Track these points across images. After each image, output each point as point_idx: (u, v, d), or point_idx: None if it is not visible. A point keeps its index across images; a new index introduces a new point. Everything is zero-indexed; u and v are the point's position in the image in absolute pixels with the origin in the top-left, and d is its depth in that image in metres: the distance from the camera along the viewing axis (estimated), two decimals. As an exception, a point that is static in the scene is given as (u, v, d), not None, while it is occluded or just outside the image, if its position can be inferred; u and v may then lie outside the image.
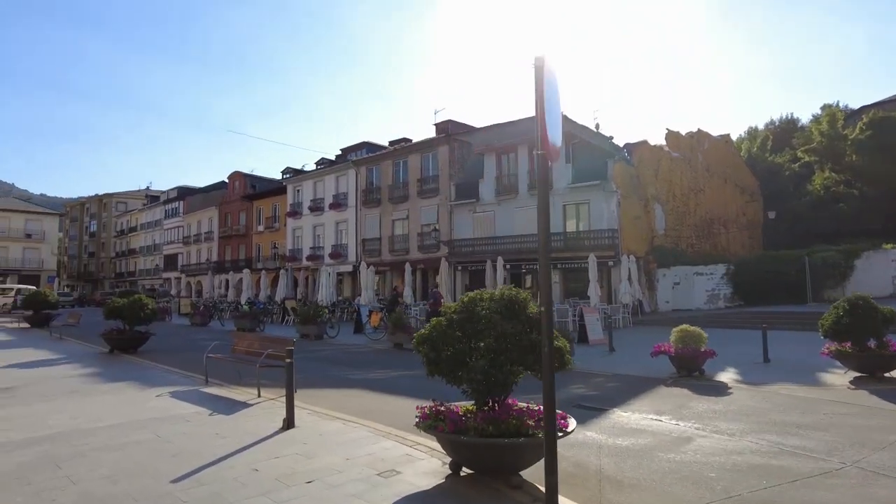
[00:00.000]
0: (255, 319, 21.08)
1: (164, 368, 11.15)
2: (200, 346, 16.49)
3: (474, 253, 29.58)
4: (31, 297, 22.40)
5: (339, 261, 36.59)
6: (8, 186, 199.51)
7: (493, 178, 29.70)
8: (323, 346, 16.38)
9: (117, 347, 13.78)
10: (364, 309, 19.97)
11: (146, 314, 13.75)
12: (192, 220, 58.07)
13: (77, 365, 11.67)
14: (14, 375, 10.33)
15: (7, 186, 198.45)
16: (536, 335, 4.83)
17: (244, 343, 9.74)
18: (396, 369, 11.72)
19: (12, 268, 57.52)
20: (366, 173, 36.29)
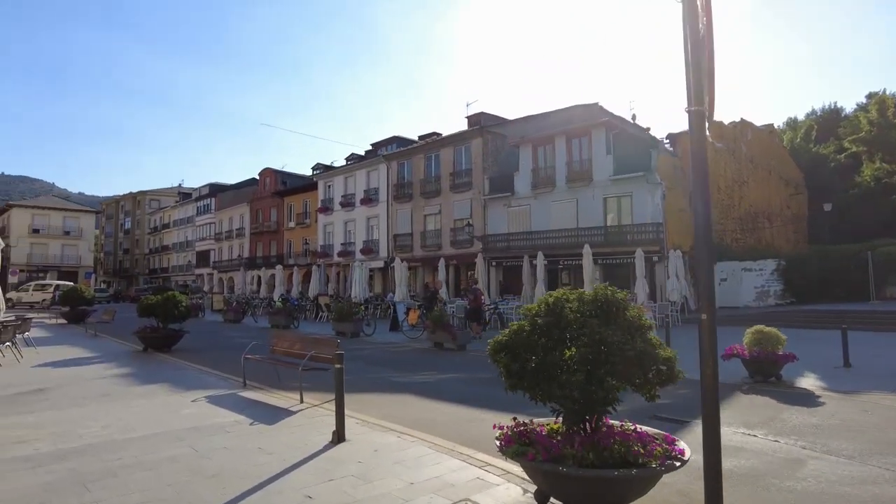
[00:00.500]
0: (290, 316, 20.63)
1: (200, 369, 10.64)
2: (235, 344, 16.13)
3: (509, 248, 28.72)
4: (67, 294, 22.41)
5: (370, 256, 36.12)
6: (49, 186, 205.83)
7: (528, 171, 28.75)
8: (360, 344, 15.77)
9: (151, 346, 13.38)
10: (400, 306, 19.33)
11: (179, 312, 13.31)
12: (224, 216, 58.44)
13: (110, 364, 11.25)
14: (48, 375, 9.92)
15: (48, 186, 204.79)
16: (642, 343, 4.03)
17: (284, 343, 9.13)
18: (442, 371, 11.00)
19: (52, 264, 58.75)
20: (397, 168, 35.68)
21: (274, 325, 21.05)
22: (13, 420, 6.62)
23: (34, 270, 56.41)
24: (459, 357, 13.01)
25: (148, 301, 13.27)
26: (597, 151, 26.56)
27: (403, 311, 19.35)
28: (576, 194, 27.07)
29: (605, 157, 26.26)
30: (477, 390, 8.92)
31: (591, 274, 18.55)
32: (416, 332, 16.64)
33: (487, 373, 10.67)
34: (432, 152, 33.48)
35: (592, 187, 26.58)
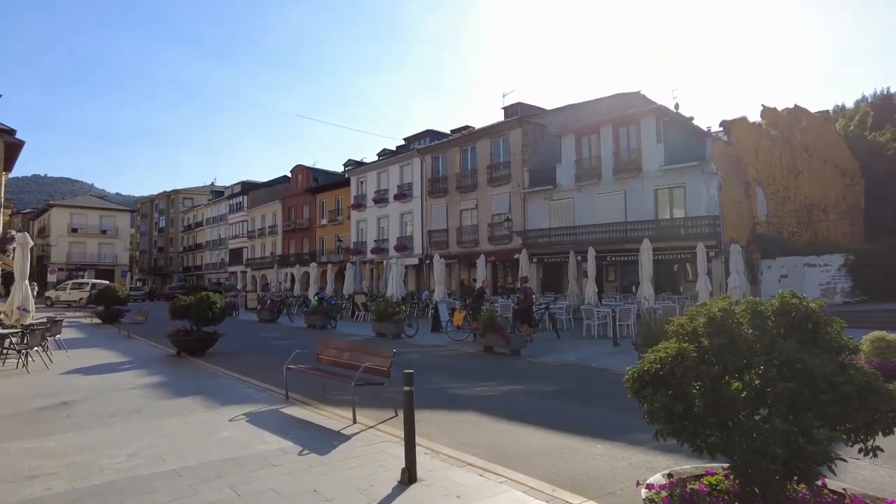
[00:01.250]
0: (327, 316, 19.76)
1: (237, 378, 9.72)
2: (272, 346, 15.31)
3: (551, 244, 27.40)
4: (101, 293, 21.99)
5: (404, 253, 35.18)
6: (87, 186, 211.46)
7: (571, 162, 27.36)
8: (403, 346, 14.72)
9: (184, 350, 12.58)
10: (442, 305, 18.26)
11: (214, 314, 12.47)
12: (256, 214, 58.34)
13: (142, 371, 10.43)
14: (76, 385, 9.12)
15: (87, 186, 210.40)
16: (859, 374, 2.83)
17: (331, 351, 8.11)
18: (502, 381, 9.85)
19: (89, 262, 59.57)
20: (431, 162, 34.61)
21: (310, 324, 20.22)
22: (31, 445, 5.73)
23: (73, 269, 57.24)
24: (514, 364, 11.86)
25: (181, 302, 12.46)
26: (646, 140, 25.03)
27: (446, 311, 18.28)
28: (623, 186, 25.59)
29: (656, 147, 24.71)
30: (549, 406, 7.77)
31: (649, 271, 17.16)
32: (461, 333, 15.54)
33: (551, 383, 9.53)
34: (468, 145, 32.30)
35: (641, 178, 25.07)
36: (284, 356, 13.29)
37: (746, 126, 26.69)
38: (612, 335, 14.45)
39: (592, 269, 19.34)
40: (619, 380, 10.01)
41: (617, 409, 7.58)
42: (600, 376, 10.27)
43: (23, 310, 11.72)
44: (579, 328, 18.04)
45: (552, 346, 14.31)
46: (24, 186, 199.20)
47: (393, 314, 16.25)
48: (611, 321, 16.30)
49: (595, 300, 19.11)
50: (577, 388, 9.25)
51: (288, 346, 15.53)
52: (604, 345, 14.39)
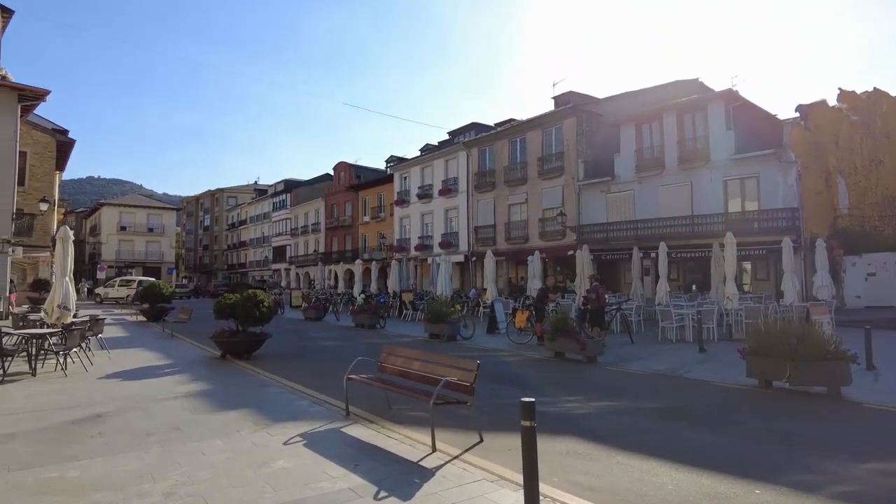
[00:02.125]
0: (375, 315, 18.71)
1: (287, 386, 8.65)
2: (321, 348, 14.31)
3: (608, 239, 25.73)
4: (146, 290, 21.53)
5: (449, 250, 33.98)
6: (137, 187, 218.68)
7: (631, 152, 25.62)
8: (461, 350, 13.51)
9: (229, 352, 11.66)
10: (499, 305, 16.94)
11: (261, 314, 11.49)
12: (299, 211, 58.25)
13: (184, 377, 9.50)
14: (113, 392, 8.22)
15: (136, 187, 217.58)
16: None
17: (397, 360, 6.92)
18: (589, 396, 8.48)
19: (137, 260, 60.68)
20: (478, 155, 33.30)
21: (358, 324, 19.24)
22: (50, 475, 4.72)
23: (122, 266, 58.36)
24: (594, 373, 10.46)
25: (225, 301, 11.53)
26: (714, 127, 23.11)
27: (503, 311, 16.98)
28: (690, 177, 23.74)
29: (725, 134, 22.78)
30: (661, 430, 6.39)
31: (733, 268, 15.40)
32: (523, 336, 14.20)
33: (648, 399, 8.03)
34: (517, 136, 30.85)
35: (710, 168, 23.17)
36: (336, 359, 12.44)
37: (826, 111, 24.46)
38: (697, 340, 12.87)
39: (664, 266, 17.66)
40: (724, 393, 8.55)
41: (742, 434, 6.19)
42: (700, 389, 8.80)
43: (63, 308, 10.99)
44: (649, 330, 16.47)
45: (629, 352, 12.83)
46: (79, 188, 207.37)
47: (447, 314, 15.03)
48: (690, 324, 14.70)
49: (667, 300, 17.46)
50: (682, 404, 7.81)
51: (338, 348, 14.70)
52: (686, 350, 12.82)
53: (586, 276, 19.22)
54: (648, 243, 23.46)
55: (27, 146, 33.02)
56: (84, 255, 69.13)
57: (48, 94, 22.32)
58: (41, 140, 33.46)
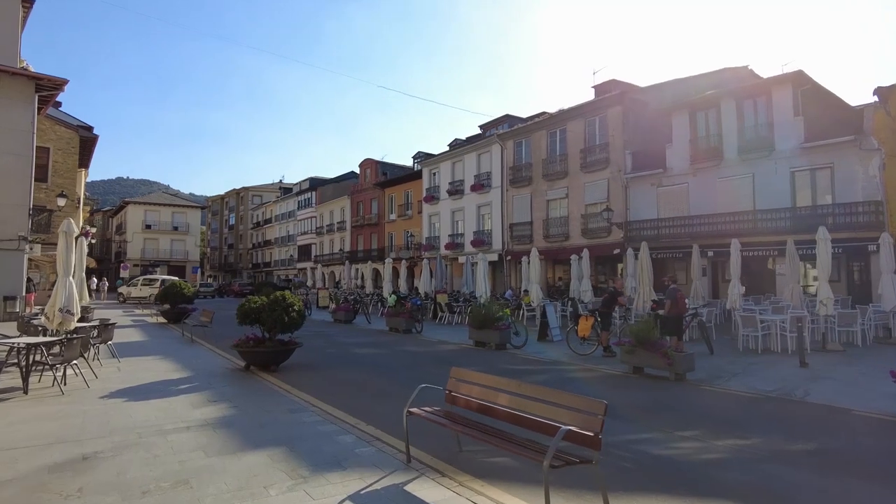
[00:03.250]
0: (412, 318, 17.08)
1: (325, 412, 7.03)
2: (357, 357, 12.63)
3: (659, 237, 23.72)
4: (166, 290, 20.19)
5: (481, 249, 32.24)
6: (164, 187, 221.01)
7: (685, 142, 23.57)
8: (514, 361, 11.79)
9: (254, 363, 10.12)
10: (550, 308, 15.16)
11: (292, 319, 9.93)
12: (325, 210, 57.12)
13: (200, 397, 7.96)
14: (112, 418, 6.71)
15: (163, 187, 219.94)
16: None
17: (472, 388, 5.22)
18: (706, 428, 6.66)
19: (162, 259, 60.20)
20: (513, 148, 31.48)
21: (392, 328, 17.65)
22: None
23: (147, 265, 57.90)
24: (690, 394, 8.65)
25: (250, 305, 9.99)
26: (780, 113, 20.95)
27: (555, 317, 15.21)
28: (752, 168, 21.62)
29: (793, 120, 20.61)
30: (852, 495, 4.58)
31: (827, 267, 13.35)
32: (585, 346, 12.40)
33: (790, 436, 5.99)
34: (556, 127, 28.96)
35: (774, 158, 21.03)
36: (377, 372, 10.52)
37: (906, 94, 22.06)
38: (798, 351, 10.93)
39: (736, 265, 15.66)
40: (882, 428, 6.09)
41: None
42: (843, 421, 6.95)
43: (66, 312, 9.56)
44: (719, 337, 14.52)
45: (715, 365, 10.96)
46: (108, 188, 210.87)
47: (496, 319, 13.31)
48: (777, 332, 12.75)
49: (740, 303, 15.47)
50: (839, 445, 6.00)
51: (375, 358, 12.95)
52: (782, 364, 10.92)
53: (645, 278, 17.35)
54: (705, 241, 21.47)
55: (50, 142, 32.25)
56: (110, 254, 69.07)
57: (66, 83, 21.22)
58: (64, 136, 32.67)
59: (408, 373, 10.42)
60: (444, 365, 11.48)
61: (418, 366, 11.35)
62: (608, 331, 12.27)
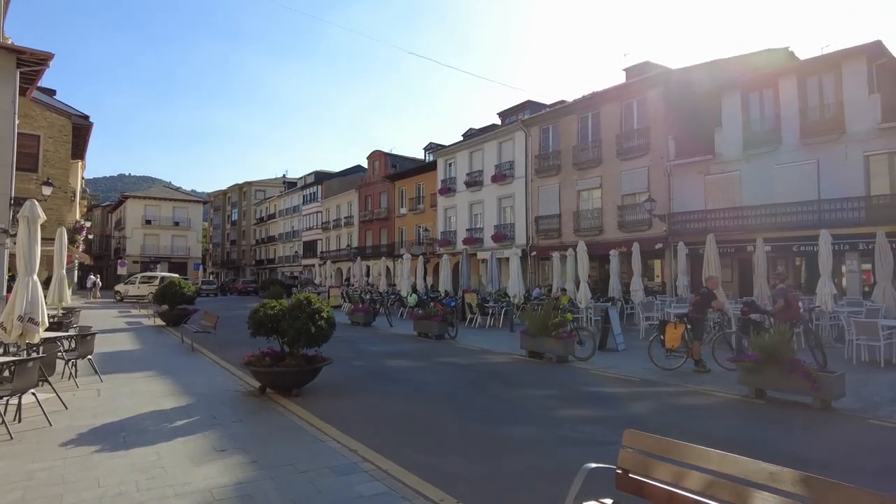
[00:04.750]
0: (445, 322, 14.84)
1: (387, 475, 4.80)
2: (391, 371, 10.21)
3: (707, 230, 21.42)
4: (164, 290, 17.92)
5: (503, 244, 30.05)
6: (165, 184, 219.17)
7: (737, 126, 21.30)
8: (591, 380, 9.56)
9: (272, 386, 7.91)
10: (614, 312, 12.91)
11: (319, 330, 7.70)
12: (331, 204, 54.93)
13: (204, 440, 5.76)
14: (70, 491, 4.50)
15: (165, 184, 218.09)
16: None
17: (687, 476, 2.96)
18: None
19: (162, 255, 58.05)
20: (539, 135, 29.21)
21: (422, 332, 15.43)
22: None
23: (147, 261, 55.76)
24: (855, 432, 6.42)
25: (266, 311, 7.76)
26: (851, 91, 18.66)
27: (618, 322, 12.98)
28: (816, 153, 19.34)
29: (867, 99, 18.33)
30: None
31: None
32: (673, 359, 10.17)
33: None
34: (588, 111, 26.66)
35: (844, 141, 18.75)
36: (427, 397, 8.13)
37: None
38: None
39: (826, 261, 13.42)
40: None
41: None
42: None
43: (28, 321, 7.36)
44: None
45: (850, 387, 8.71)
46: (110, 185, 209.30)
47: (558, 327, 11.07)
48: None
49: (831, 304, 13.24)
50: None
51: (415, 372, 10.34)
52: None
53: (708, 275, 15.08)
54: (762, 234, 19.20)
55: (41, 129, 30.03)
56: (109, 250, 66.95)
57: (51, 57, 18.98)
58: (56, 122, 30.45)
59: (467, 398, 8.22)
60: (506, 384, 9.28)
61: (473, 386, 9.13)
62: (700, 340, 10.05)
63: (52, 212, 29.80)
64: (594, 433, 6.33)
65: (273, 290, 27.50)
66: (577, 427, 6.55)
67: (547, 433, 6.28)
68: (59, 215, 29.92)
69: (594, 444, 5.87)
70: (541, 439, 6.06)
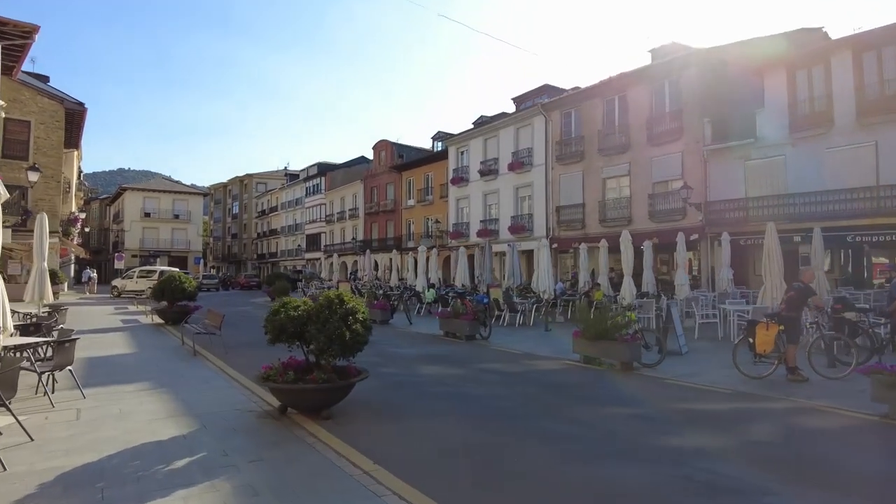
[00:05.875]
0: (476, 321, 13.24)
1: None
2: (430, 383, 7.98)
3: (749, 219, 19.88)
4: (163, 285, 16.27)
5: (520, 235, 28.46)
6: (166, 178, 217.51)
7: (781, 107, 19.63)
8: (670, 393, 7.98)
9: (296, 406, 6.33)
10: (675, 310, 11.31)
11: (355, 337, 6.11)
12: (335, 196, 53.29)
13: (211, 491, 4.21)
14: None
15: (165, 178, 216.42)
16: None
17: None
18: None
19: (162, 249, 56.49)
20: (560, 120, 27.54)
21: (450, 332, 13.85)
22: None
23: (146, 255, 54.19)
24: None
25: (289, 312, 6.15)
26: (917, 65, 17.01)
27: (679, 321, 11.40)
28: (873, 134, 17.70)
29: (934, 71, 16.67)
30: None
31: None
32: (762, 366, 8.59)
33: None
34: (615, 94, 24.99)
35: (906, 121, 17.11)
36: (483, 417, 6.38)
37: None
38: None
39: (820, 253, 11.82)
40: None
41: None
42: None
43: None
44: None
45: None
46: (110, 180, 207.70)
47: (619, 328, 9.48)
48: None
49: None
50: None
51: (458, 383, 8.68)
52: None
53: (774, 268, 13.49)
54: (812, 223, 17.59)
55: (31, 114, 28.36)
56: (108, 244, 65.36)
57: (36, 30, 17.29)
58: (48, 108, 28.76)
59: (537, 419, 6.63)
60: (576, 400, 7.64)
61: (536, 402, 7.55)
62: (796, 344, 8.46)
63: (44, 202, 28.23)
64: (727, 473, 4.75)
65: (280, 285, 25.96)
66: (698, 463, 4.97)
67: (666, 474, 4.71)
68: (51, 205, 28.30)
69: (738, 494, 4.30)
70: (664, 484, 4.49)
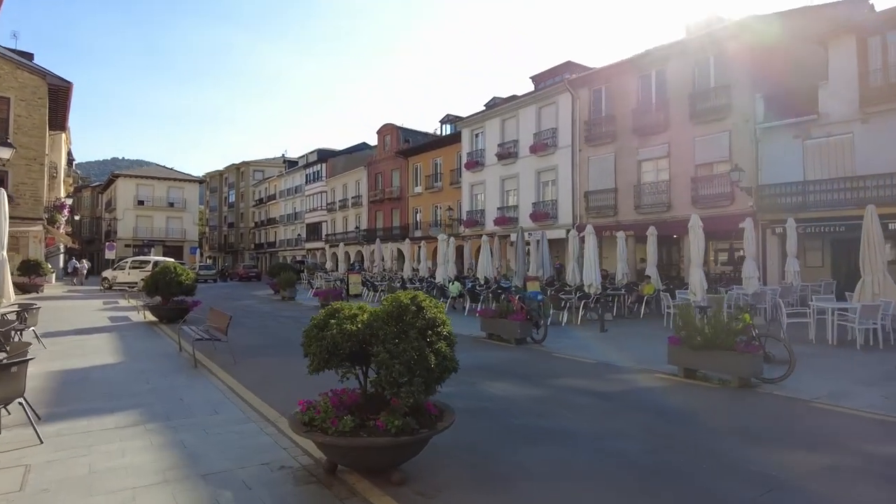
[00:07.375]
0: (529, 322, 11.20)
1: None
2: (503, 409, 5.49)
3: (806, 205, 17.88)
4: (156, 278, 14.08)
5: (543, 223, 26.38)
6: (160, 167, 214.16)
7: (850, 79, 17.56)
8: (842, 429, 5.97)
9: (355, 466, 4.25)
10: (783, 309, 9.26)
11: (444, 360, 4.04)
12: (337, 184, 51.05)
13: None
14: None
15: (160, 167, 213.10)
16: None
17: None
18: None
19: (157, 238, 54.18)
20: (589, 97, 25.39)
21: (494, 333, 11.82)
22: None
23: (140, 245, 51.87)
24: None
25: (342, 325, 4.06)
26: None
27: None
28: (962, 108, 15.68)
29: None
30: None
31: None
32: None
33: None
34: (652, 69, 22.84)
35: None
36: (617, 475, 3.46)
37: None
38: None
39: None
40: None
41: None
42: None
43: None
44: None
45: None
46: (103, 169, 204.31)
47: (735, 333, 7.48)
48: None
49: None
50: None
51: (537, 406, 6.59)
52: None
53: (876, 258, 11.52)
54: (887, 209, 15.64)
55: (11, 90, 25.96)
56: (100, 233, 62.98)
57: (9, -17, 15.10)
58: (29, 83, 26.36)
59: (691, 472, 4.61)
60: (720, 437, 5.10)
61: (669, 441, 5.51)
62: None
63: (25, 185, 25.94)
64: None
65: (285, 277, 23.89)
66: None
67: None
68: (34, 190, 26.01)
69: None
70: None
